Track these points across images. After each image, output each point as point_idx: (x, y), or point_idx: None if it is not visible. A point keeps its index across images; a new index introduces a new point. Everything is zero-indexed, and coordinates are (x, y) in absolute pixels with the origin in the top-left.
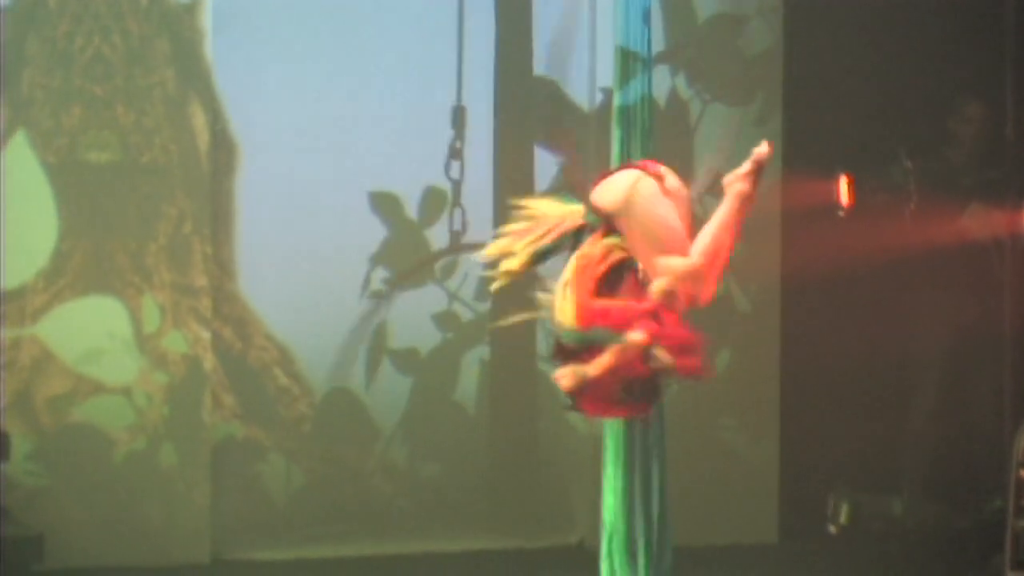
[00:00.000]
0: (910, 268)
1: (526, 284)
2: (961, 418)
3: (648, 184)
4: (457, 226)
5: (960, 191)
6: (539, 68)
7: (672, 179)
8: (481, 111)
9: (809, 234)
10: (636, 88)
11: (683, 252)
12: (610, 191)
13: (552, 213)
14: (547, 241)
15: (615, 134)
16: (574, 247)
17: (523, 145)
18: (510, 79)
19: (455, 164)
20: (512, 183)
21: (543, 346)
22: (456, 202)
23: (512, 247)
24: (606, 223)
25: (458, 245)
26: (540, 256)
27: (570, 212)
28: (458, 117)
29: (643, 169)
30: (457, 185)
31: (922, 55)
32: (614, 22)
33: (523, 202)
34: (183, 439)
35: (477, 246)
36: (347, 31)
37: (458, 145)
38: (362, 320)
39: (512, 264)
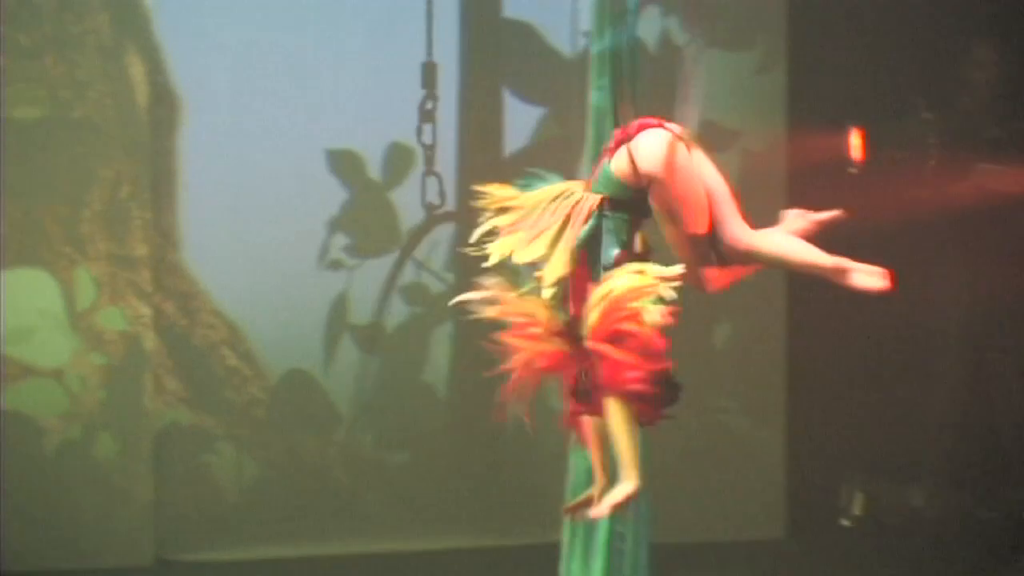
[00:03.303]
0: (931, 232)
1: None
2: (987, 399)
3: (683, 148)
4: (432, 197)
5: (985, 145)
6: (510, 10)
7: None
8: (446, 61)
9: (817, 193)
10: (619, 32)
11: (703, 227)
12: (648, 154)
13: (541, 197)
14: (583, 230)
15: (593, 84)
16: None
17: (493, 98)
18: (477, 23)
19: (427, 127)
20: (480, 143)
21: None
22: (430, 170)
23: (520, 247)
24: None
25: (436, 217)
26: (580, 247)
27: (569, 189)
28: (428, 74)
29: (662, 127)
30: (430, 151)
31: None
32: None
33: (488, 190)
34: (122, 427)
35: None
36: None
37: (429, 106)
38: (320, 293)
39: (558, 269)
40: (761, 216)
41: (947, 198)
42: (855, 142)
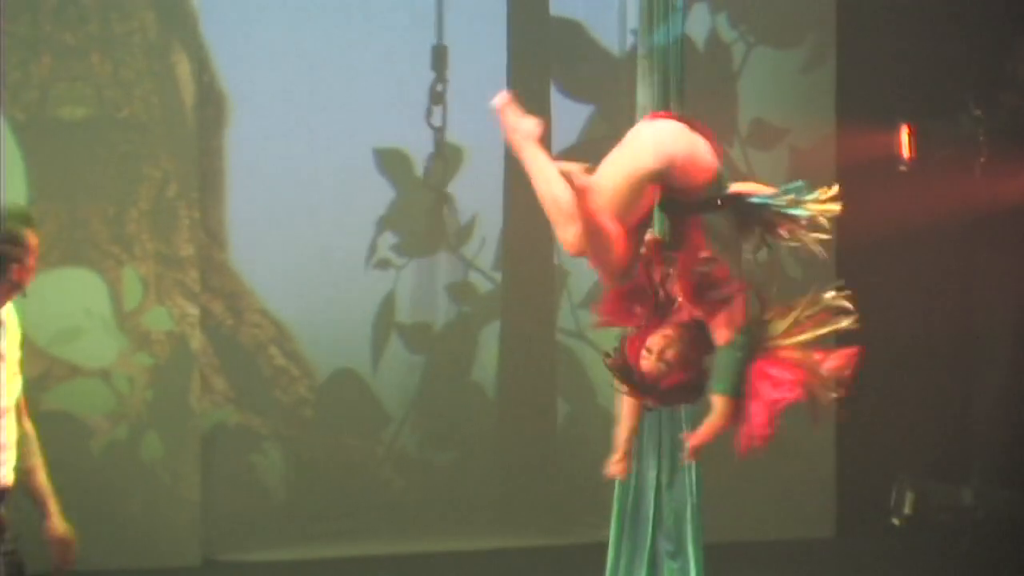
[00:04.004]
0: (981, 230)
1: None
2: None
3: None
4: (438, 178)
5: None
6: (558, 8)
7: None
8: (495, 60)
9: (867, 192)
10: (667, 30)
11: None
12: None
13: None
14: None
15: (642, 82)
16: None
17: (541, 97)
18: (525, 21)
19: (436, 110)
20: None
21: (566, 319)
22: (439, 152)
23: None
24: None
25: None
26: None
27: None
28: (438, 57)
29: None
30: (439, 133)
31: None
32: None
33: None
34: (169, 427)
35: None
36: None
37: (439, 88)
38: (368, 292)
39: None
40: None
41: (997, 195)
42: (904, 139)
